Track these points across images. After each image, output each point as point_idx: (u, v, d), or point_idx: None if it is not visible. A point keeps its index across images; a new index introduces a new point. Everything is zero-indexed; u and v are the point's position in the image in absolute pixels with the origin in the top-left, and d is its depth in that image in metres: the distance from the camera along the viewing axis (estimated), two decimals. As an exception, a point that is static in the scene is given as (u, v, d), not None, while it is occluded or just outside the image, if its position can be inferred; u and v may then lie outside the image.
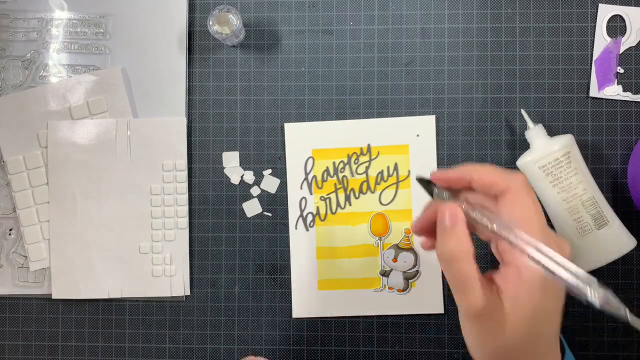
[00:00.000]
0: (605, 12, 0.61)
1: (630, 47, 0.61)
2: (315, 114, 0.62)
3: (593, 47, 0.61)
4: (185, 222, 0.62)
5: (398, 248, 0.61)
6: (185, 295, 0.62)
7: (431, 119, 0.61)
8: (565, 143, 0.57)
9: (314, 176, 0.62)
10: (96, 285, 0.62)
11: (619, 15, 0.61)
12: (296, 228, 0.62)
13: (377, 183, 0.61)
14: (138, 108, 0.62)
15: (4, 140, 0.62)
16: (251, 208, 0.62)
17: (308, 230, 0.61)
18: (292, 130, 0.62)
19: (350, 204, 0.61)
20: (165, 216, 0.62)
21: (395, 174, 0.61)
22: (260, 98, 0.63)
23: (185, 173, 0.62)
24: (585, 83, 0.61)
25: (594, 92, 0.61)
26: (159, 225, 0.62)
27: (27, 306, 0.63)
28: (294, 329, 0.62)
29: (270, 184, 0.62)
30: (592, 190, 0.56)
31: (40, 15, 0.63)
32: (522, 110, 0.59)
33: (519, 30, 0.61)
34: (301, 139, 0.62)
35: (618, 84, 0.61)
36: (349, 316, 0.61)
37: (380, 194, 0.61)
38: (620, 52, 0.61)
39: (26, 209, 0.62)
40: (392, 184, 0.61)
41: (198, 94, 0.63)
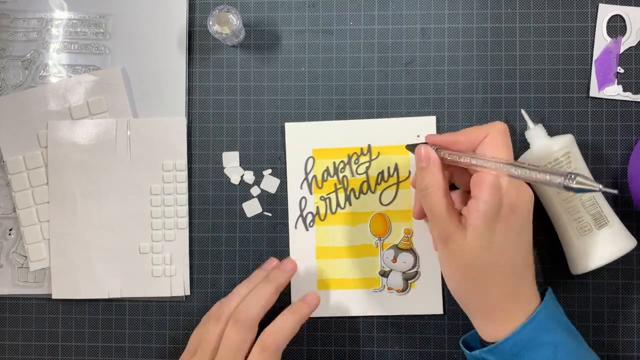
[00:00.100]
0: (605, 12, 0.61)
1: (630, 47, 0.61)
2: (315, 114, 0.62)
3: (593, 47, 0.61)
4: (185, 222, 0.62)
5: (398, 248, 0.61)
6: (185, 295, 0.62)
7: (432, 120, 0.61)
8: (565, 143, 0.57)
9: (314, 176, 0.61)
10: (96, 285, 0.62)
11: (619, 15, 0.61)
12: (296, 228, 0.62)
13: (378, 183, 0.61)
14: (138, 108, 0.63)
15: (4, 140, 0.62)
16: (251, 208, 0.62)
17: (308, 230, 0.61)
18: (293, 129, 0.62)
19: (350, 204, 0.61)
20: (165, 216, 0.62)
21: (395, 175, 0.61)
22: (260, 98, 0.63)
23: (185, 173, 0.62)
24: (585, 83, 0.61)
25: (594, 92, 0.61)
26: (159, 225, 0.62)
27: (27, 306, 0.63)
28: (294, 329, 0.61)
29: (270, 184, 0.62)
30: (592, 190, 0.56)
31: (40, 15, 0.63)
32: (522, 110, 0.59)
33: (519, 30, 0.61)
34: (302, 139, 0.62)
35: (618, 84, 0.60)
36: (349, 316, 0.61)
37: (381, 194, 0.61)
38: (620, 52, 0.61)
39: (26, 209, 0.62)
40: (393, 184, 0.61)
41: (198, 94, 0.63)
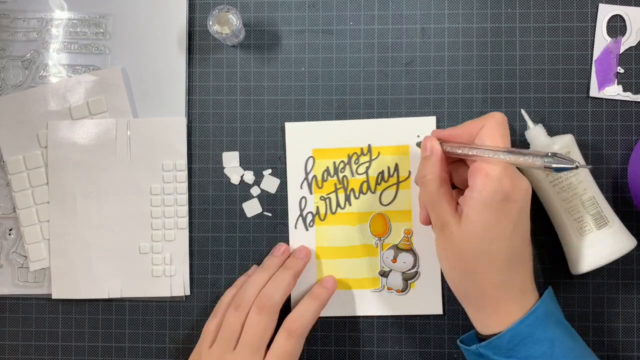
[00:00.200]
0: (605, 12, 0.61)
1: (630, 47, 0.61)
2: (315, 114, 0.62)
3: (593, 47, 0.61)
4: (185, 222, 0.62)
5: (397, 249, 0.61)
6: (185, 295, 0.62)
7: (432, 120, 0.61)
8: (565, 143, 0.57)
9: (314, 176, 0.61)
10: (96, 285, 0.62)
11: (619, 15, 0.61)
12: (296, 228, 0.62)
13: (378, 183, 0.61)
14: (138, 108, 0.62)
15: (4, 140, 0.62)
16: (251, 208, 0.62)
17: (308, 230, 0.61)
18: (293, 129, 0.62)
19: (350, 204, 0.61)
20: (165, 216, 0.62)
21: (395, 175, 0.61)
22: (260, 98, 0.63)
23: (185, 173, 0.62)
24: (585, 83, 0.61)
25: (594, 92, 0.61)
26: (159, 225, 0.62)
27: (27, 306, 0.63)
28: (294, 329, 0.61)
29: (270, 184, 0.62)
30: (592, 190, 0.56)
31: (40, 15, 0.63)
32: (522, 110, 0.59)
33: (519, 30, 0.61)
34: (302, 139, 0.62)
35: (618, 84, 0.60)
36: (348, 316, 0.61)
37: (381, 194, 0.61)
38: (620, 52, 0.61)
39: (26, 209, 0.62)
40: (393, 185, 0.61)
41: (198, 94, 0.63)
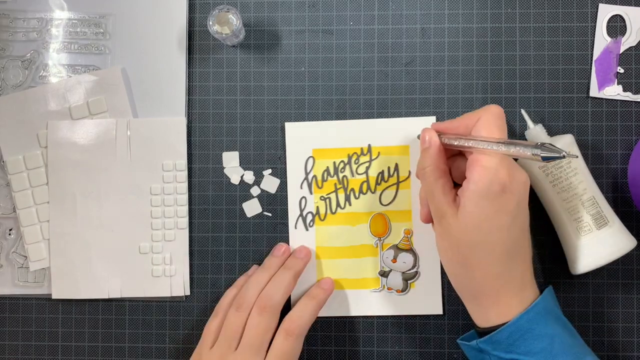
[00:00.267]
0: (605, 12, 0.61)
1: (630, 47, 0.61)
2: (315, 114, 0.62)
3: (593, 47, 0.61)
4: (185, 222, 0.62)
5: (397, 249, 0.61)
6: (185, 295, 0.62)
7: (432, 120, 0.61)
8: (565, 143, 0.57)
9: (314, 176, 0.61)
10: (96, 285, 0.62)
11: (619, 15, 0.61)
12: (296, 228, 0.62)
13: (378, 183, 0.61)
14: (138, 108, 0.62)
15: (4, 140, 0.62)
16: (251, 208, 0.62)
17: (308, 230, 0.61)
18: (293, 129, 0.62)
19: (350, 204, 0.61)
20: (165, 216, 0.62)
21: (395, 175, 0.61)
22: (260, 98, 0.63)
23: (185, 173, 0.62)
24: (585, 83, 0.61)
25: (594, 92, 0.61)
26: (159, 225, 0.62)
27: (27, 306, 0.63)
28: (294, 329, 0.61)
29: (270, 184, 0.62)
30: (592, 190, 0.56)
31: (40, 15, 0.63)
32: (522, 110, 0.59)
33: (519, 30, 0.61)
34: (302, 139, 0.62)
35: (618, 84, 0.60)
36: (349, 316, 0.61)
37: (381, 194, 0.61)
38: (620, 52, 0.61)
39: (26, 209, 0.62)
40: (393, 185, 0.61)
41: (198, 94, 0.63)
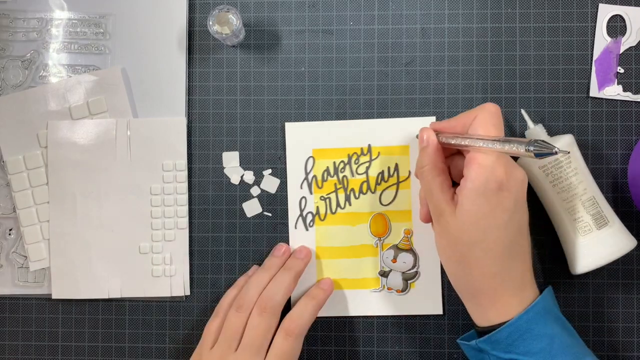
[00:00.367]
0: (605, 12, 0.61)
1: (630, 47, 0.61)
2: (315, 114, 0.62)
3: (593, 47, 0.61)
4: (185, 222, 0.62)
5: (397, 249, 0.61)
6: (185, 295, 0.62)
7: (432, 120, 0.61)
8: (565, 143, 0.57)
9: (314, 176, 0.61)
10: (96, 285, 0.62)
11: (619, 15, 0.61)
12: (296, 228, 0.62)
13: (378, 183, 0.61)
14: (138, 108, 0.63)
15: (4, 140, 0.62)
16: (251, 208, 0.62)
17: (308, 230, 0.61)
18: (293, 129, 0.62)
19: (350, 204, 0.61)
20: (165, 216, 0.62)
21: (395, 175, 0.61)
22: (260, 98, 0.63)
23: (185, 173, 0.62)
24: (585, 83, 0.61)
25: (594, 92, 0.61)
26: (159, 225, 0.62)
27: (27, 306, 0.63)
28: (294, 329, 0.61)
29: (270, 184, 0.62)
30: (592, 190, 0.56)
31: (40, 15, 0.63)
32: (522, 110, 0.59)
33: (519, 30, 0.61)
34: (302, 139, 0.62)
35: (618, 84, 0.60)
36: (349, 316, 0.61)
37: (381, 194, 0.61)
38: (620, 52, 0.61)
39: (26, 209, 0.62)
40: (393, 185, 0.61)
41: (198, 94, 0.63)
